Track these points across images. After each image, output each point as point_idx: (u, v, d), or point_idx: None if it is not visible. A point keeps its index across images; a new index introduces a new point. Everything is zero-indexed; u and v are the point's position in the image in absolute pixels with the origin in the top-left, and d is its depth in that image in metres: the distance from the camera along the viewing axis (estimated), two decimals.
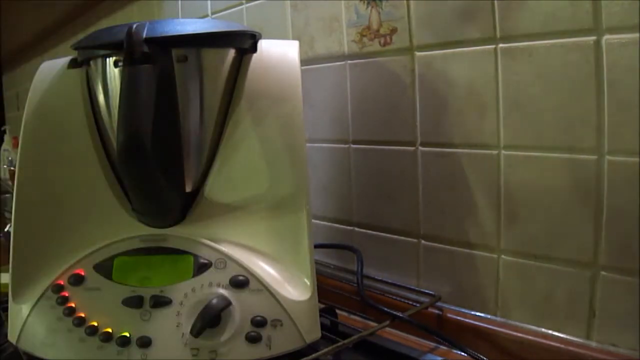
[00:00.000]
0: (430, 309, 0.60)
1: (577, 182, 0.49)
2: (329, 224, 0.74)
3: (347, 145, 0.70)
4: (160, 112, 0.42)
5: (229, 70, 0.49)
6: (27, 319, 0.46)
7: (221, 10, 0.89)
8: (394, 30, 0.62)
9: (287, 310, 0.45)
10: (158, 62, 0.43)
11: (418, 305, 0.60)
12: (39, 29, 1.74)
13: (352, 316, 0.63)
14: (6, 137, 1.91)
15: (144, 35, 0.42)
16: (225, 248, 0.46)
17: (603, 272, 0.48)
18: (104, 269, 0.46)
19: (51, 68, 0.52)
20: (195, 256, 0.46)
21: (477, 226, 0.57)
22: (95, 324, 0.45)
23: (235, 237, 0.48)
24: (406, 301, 0.62)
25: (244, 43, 0.50)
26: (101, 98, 0.49)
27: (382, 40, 0.64)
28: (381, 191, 0.66)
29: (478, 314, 0.58)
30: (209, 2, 0.92)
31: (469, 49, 0.55)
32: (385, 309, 0.57)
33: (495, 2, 0.52)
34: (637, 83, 0.44)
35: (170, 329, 0.44)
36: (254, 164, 0.48)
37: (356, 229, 0.71)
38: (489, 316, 0.57)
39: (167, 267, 0.46)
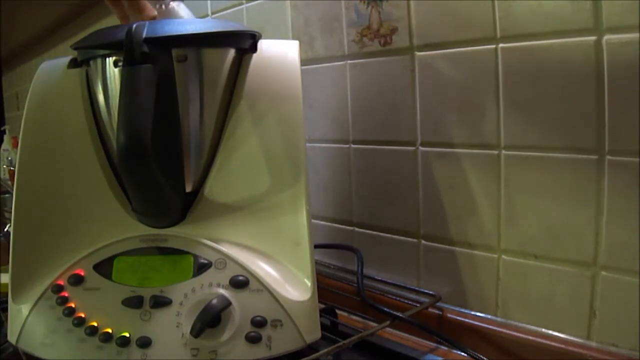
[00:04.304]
0: (430, 309, 0.60)
1: (577, 182, 0.49)
2: (329, 224, 0.74)
3: (347, 145, 0.70)
4: (160, 112, 0.42)
5: (229, 70, 0.49)
6: (26, 319, 0.46)
7: (221, 10, 0.89)
8: (394, 30, 0.62)
9: (287, 310, 0.45)
10: (158, 62, 0.43)
11: (418, 305, 0.60)
12: (39, 29, 1.75)
13: (352, 316, 0.63)
14: (6, 137, 1.91)
15: (144, 35, 0.42)
16: (225, 248, 0.46)
17: (603, 272, 0.48)
18: (104, 269, 0.46)
19: (51, 68, 0.52)
20: (195, 256, 0.46)
21: (477, 226, 0.57)
22: (95, 324, 0.45)
23: (235, 237, 0.48)
24: (406, 301, 0.62)
25: (244, 43, 0.50)
26: (101, 98, 0.49)
27: (382, 40, 0.64)
28: (381, 191, 0.66)
29: (478, 314, 0.58)
30: (209, 2, 0.92)
31: (469, 49, 0.55)
32: (386, 309, 0.57)
33: (496, 2, 0.52)
34: (637, 83, 0.44)
35: (170, 329, 0.44)
36: (254, 164, 0.48)
37: (356, 229, 0.71)
38: (489, 316, 0.57)
39: (167, 267, 0.46)
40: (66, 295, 0.46)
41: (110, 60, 0.47)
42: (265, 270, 0.46)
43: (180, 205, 0.48)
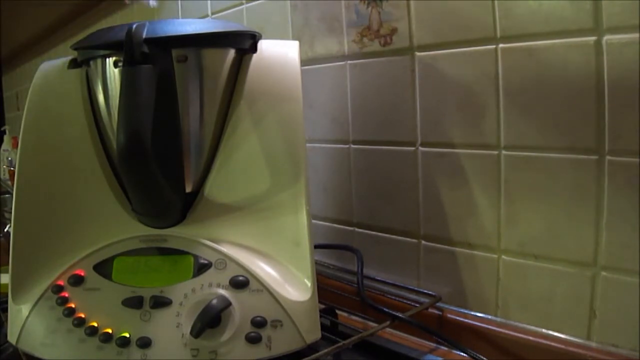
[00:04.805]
0: (430, 310, 0.60)
1: (577, 182, 0.49)
2: (329, 224, 0.74)
3: (347, 146, 0.70)
4: (160, 112, 0.42)
5: (229, 70, 0.49)
6: (26, 319, 0.46)
7: (221, 10, 0.89)
8: (394, 30, 0.62)
9: (287, 310, 0.45)
10: (158, 62, 0.43)
11: (418, 305, 0.59)
12: (39, 29, 1.74)
13: (352, 316, 0.63)
14: (6, 137, 1.91)
15: (144, 36, 0.42)
16: (225, 248, 0.46)
17: (603, 272, 0.48)
18: (104, 269, 0.46)
19: (51, 68, 0.52)
20: (195, 256, 0.46)
21: (477, 226, 0.57)
22: (95, 324, 0.45)
23: (235, 237, 0.48)
24: (406, 302, 0.62)
25: (244, 43, 0.50)
26: (101, 98, 0.49)
27: (382, 41, 0.64)
28: (381, 191, 0.66)
29: (478, 314, 0.58)
30: (209, 2, 0.92)
31: (469, 49, 0.55)
32: (386, 309, 0.57)
33: (496, 2, 0.52)
34: (638, 83, 0.44)
35: (170, 329, 0.44)
36: (254, 164, 0.48)
37: (356, 229, 0.71)
38: (489, 316, 0.57)
39: (167, 267, 0.46)
40: (66, 295, 0.46)
41: (110, 61, 0.47)
42: (265, 270, 0.46)
43: (180, 206, 0.48)
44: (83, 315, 0.45)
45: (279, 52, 0.50)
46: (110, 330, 0.44)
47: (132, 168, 0.42)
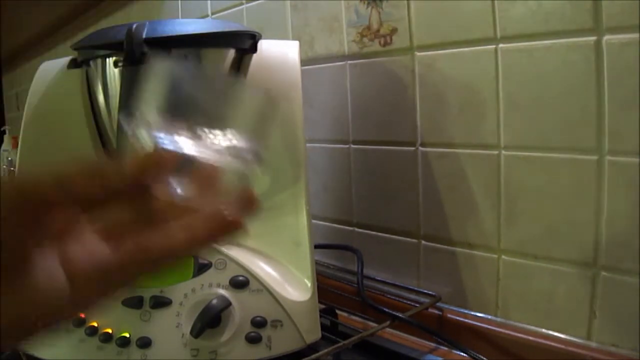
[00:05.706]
0: (430, 310, 0.60)
1: (577, 182, 0.49)
2: (329, 224, 0.74)
3: (347, 146, 0.70)
4: None
5: (229, 71, 0.49)
6: None
7: (221, 10, 0.89)
8: (394, 31, 0.62)
9: (287, 310, 0.45)
10: None
11: (418, 305, 0.59)
12: (39, 29, 1.74)
13: (352, 317, 0.63)
14: (6, 137, 1.91)
15: (144, 36, 0.42)
16: (225, 248, 0.46)
17: (603, 272, 0.48)
18: None
19: (51, 68, 0.52)
20: (195, 256, 0.46)
21: (477, 226, 0.57)
22: (95, 324, 0.45)
23: (235, 237, 0.48)
24: (406, 302, 0.62)
25: (244, 43, 0.50)
26: (101, 98, 0.49)
27: (382, 41, 0.64)
28: (381, 191, 0.66)
29: (478, 314, 0.58)
30: (209, 2, 0.91)
31: (469, 49, 0.55)
32: (386, 309, 0.57)
33: (495, 2, 0.52)
34: (637, 83, 0.44)
35: (170, 329, 0.44)
36: None
37: (356, 229, 0.71)
38: (489, 316, 0.57)
39: (167, 267, 0.46)
40: None
41: (110, 61, 0.47)
42: (265, 270, 0.46)
43: None
44: (83, 315, 0.45)
45: (279, 52, 0.50)
46: (110, 330, 0.44)
47: None
